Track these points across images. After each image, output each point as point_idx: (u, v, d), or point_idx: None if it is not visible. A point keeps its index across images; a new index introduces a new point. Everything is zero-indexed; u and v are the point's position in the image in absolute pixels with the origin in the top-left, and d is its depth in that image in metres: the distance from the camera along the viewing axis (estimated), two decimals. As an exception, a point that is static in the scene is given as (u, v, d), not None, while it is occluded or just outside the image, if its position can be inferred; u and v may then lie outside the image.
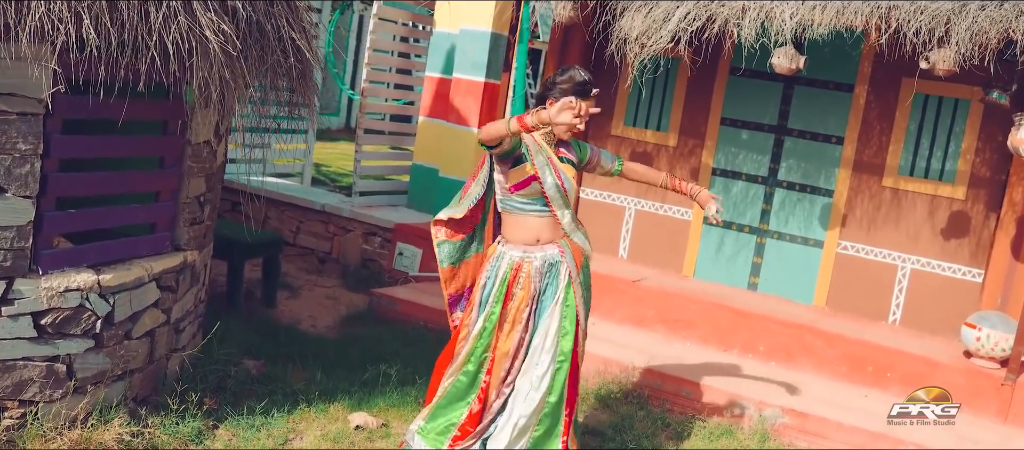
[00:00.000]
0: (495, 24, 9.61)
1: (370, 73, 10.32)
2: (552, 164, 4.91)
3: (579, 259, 5.04)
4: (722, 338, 8.08)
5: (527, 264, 4.93)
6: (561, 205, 4.94)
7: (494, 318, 4.97)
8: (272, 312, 8.17)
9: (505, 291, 4.94)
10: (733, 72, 8.89)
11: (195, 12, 4.56)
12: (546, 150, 4.92)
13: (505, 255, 4.98)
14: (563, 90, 4.84)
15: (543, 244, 4.96)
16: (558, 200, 4.92)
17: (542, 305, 4.95)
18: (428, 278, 9.21)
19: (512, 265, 4.94)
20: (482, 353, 5.02)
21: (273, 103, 5.73)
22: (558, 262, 4.95)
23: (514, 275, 4.93)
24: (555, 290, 4.94)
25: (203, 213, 5.98)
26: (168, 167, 5.55)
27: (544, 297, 4.95)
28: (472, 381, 5.04)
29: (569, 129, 4.44)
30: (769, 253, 8.92)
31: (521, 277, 4.93)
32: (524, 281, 4.92)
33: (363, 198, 10.39)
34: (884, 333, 8.05)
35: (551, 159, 4.91)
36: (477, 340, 5.01)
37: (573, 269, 4.97)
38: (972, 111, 8.05)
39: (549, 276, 4.95)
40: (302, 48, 5.57)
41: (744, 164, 9.01)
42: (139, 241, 5.48)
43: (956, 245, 8.21)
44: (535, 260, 4.93)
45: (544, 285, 4.95)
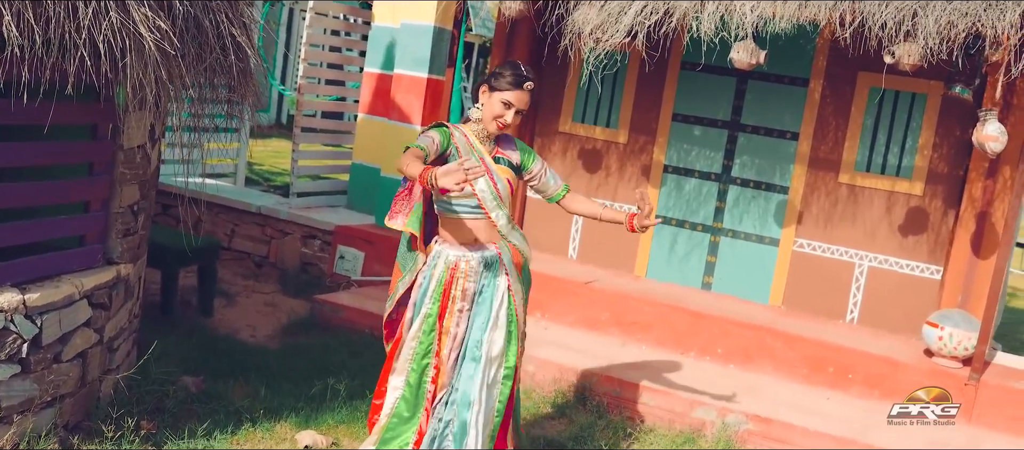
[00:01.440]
0: (438, 18, 9.27)
1: (306, 69, 9.93)
2: (483, 164, 4.68)
3: (518, 261, 4.85)
4: (679, 340, 7.85)
5: (463, 263, 4.73)
6: (494, 207, 4.72)
7: (431, 319, 4.77)
8: (209, 322, 7.78)
9: (442, 292, 4.74)
10: (685, 67, 8.66)
11: (128, 8, 4.16)
12: (479, 149, 4.71)
13: (441, 255, 4.77)
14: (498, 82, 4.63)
15: (481, 245, 4.77)
16: (491, 202, 4.71)
17: (479, 307, 4.77)
18: (371, 283, 8.88)
19: (449, 266, 4.74)
20: (422, 358, 4.80)
21: (212, 102, 5.34)
22: (495, 263, 4.77)
23: (451, 276, 4.73)
24: (493, 292, 4.77)
25: (137, 223, 5.57)
26: (98, 174, 5.14)
27: (481, 298, 4.76)
28: (416, 395, 4.82)
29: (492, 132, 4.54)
30: (723, 252, 8.71)
31: (459, 277, 4.73)
32: (461, 281, 4.73)
33: (301, 199, 10.00)
34: (843, 333, 7.88)
35: (483, 160, 4.69)
36: (415, 341, 4.81)
37: (512, 271, 4.79)
38: (929, 106, 7.91)
39: (486, 277, 4.76)
40: (243, 45, 5.19)
41: (697, 161, 8.78)
42: (68, 255, 5.06)
43: (914, 242, 8.06)
44: (471, 260, 4.74)
45: (480, 285, 4.76)
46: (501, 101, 4.61)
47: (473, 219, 4.72)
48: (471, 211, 4.70)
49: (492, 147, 4.80)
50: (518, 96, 4.61)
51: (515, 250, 4.82)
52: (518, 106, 4.62)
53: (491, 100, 4.64)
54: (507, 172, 4.79)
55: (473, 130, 4.74)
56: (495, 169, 4.73)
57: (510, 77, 4.60)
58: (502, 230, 4.76)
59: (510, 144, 4.89)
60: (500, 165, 4.78)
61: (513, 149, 4.89)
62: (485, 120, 4.68)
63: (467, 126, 4.77)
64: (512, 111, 4.61)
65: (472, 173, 3.98)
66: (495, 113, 4.63)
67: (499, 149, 4.83)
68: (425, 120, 9.25)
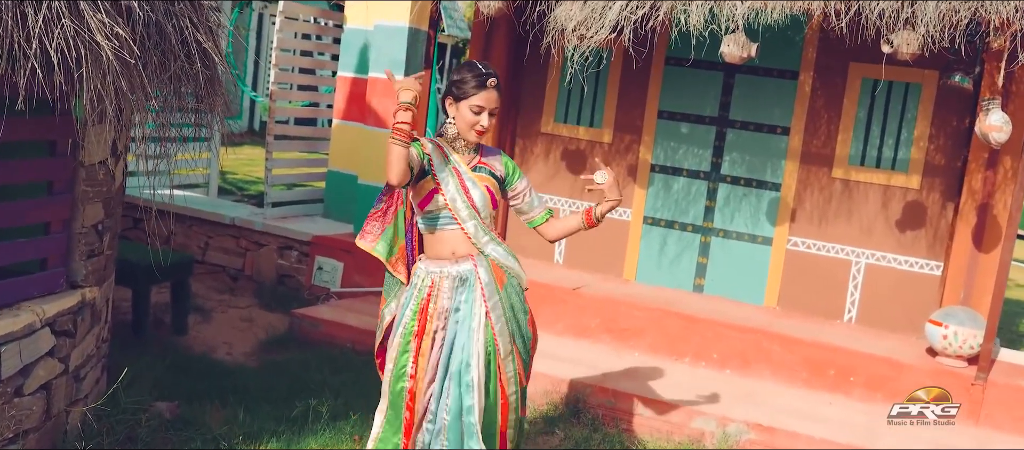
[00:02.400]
0: (413, 18, 8.96)
1: (278, 75, 9.60)
2: (457, 172, 4.41)
3: (499, 276, 4.51)
4: (672, 346, 7.57)
5: (439, 280, 4.44)
6: (467, 216, 4.43)
7: (406, 339, 4.47)
8: (183, 340, 7.45)
9: (419, 310, 4.45)
10: (670, 62, 8.40)
11: (83, 14, 3.83)
12: (454, 158, 4.43)
13: (421, 271, 4.50)
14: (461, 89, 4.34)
15: (458, 258, 4.47)
16: (463, 211, 4.41)
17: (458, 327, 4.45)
18: (352, 294, 8.56)
19: (428, 282, 4.45)
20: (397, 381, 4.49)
21: (179, 110, 5.01)
22: (469, 277, 4.46)
23: (429, 292, 4.44)
24: (470, 309, 4.45)
25: (102, 243, 5.23)
26: (58, 193, 4.80)
27: (457, 316, 4.45)
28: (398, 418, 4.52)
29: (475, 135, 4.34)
30: (715, 252, 8.44)
31: (434, 295, 4.44)
32: (437, 298, 4.44)
33: (276, 209, 9.67)
34: (842, 333, 7.63)
35: (457, 168, 4.42)
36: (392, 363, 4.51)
37: (490, 288, 4.46)
38: (925, 96, 7.66)
39: (461, 293, 4.45)
40: (209, 51, 4.86)
41: (685, 159, 8.51)
42: (28, 281, 4.73)
43: (912, 237, 7.82)
44: (446, 278, 4.44)
45: (456, 303, 4.45)
46: (470, 108, 4.33)
47: (450, 230, 4.44)
48: (447, 222, 4.43)
49: (474, 156, 4.51)
50: (486, 97, 4.31)
51: (494, 264, 4.50)
52: (489, 107, 4.32)
53: (460, 110, 4.36)
54: (487, 180, 4.49)
55: (450, 143, 4.46)
56: (470, 177, 4.44)
57: (472, 80, 4.31)
58: (475, 242, 4.46)
59: (496, 156, 4.60)
60: (479, 174, 4.48)
61: (498, 160, 4.60)
62: (462, 131, 4.39)
63: (444, 140, 4.49)
64: (485, 114, 4.33)
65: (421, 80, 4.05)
66: (469, 122, 4.35)
67: (482, 158, 4.54)
68: (403, 124, 8.91)
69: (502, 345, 4.48)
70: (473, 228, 4.44)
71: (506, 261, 4.54)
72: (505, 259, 4.53)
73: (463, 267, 4.44)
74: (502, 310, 4.49)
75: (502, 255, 4.53)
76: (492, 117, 4.36)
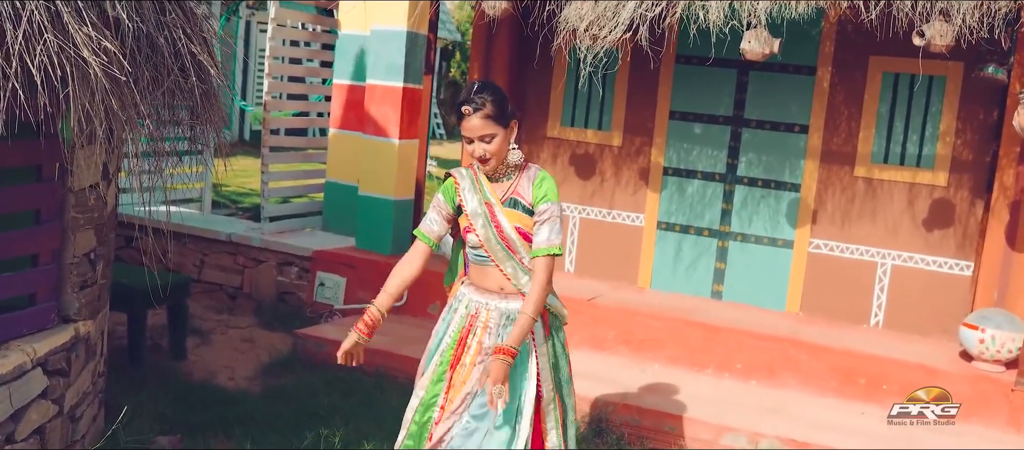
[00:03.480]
0: (411, 22, 8.59)
1: (272, 84, 9.26)
2: (488, 208, 4.13)
3: (546, 320, 4.21)
4: (694, 358, 7.25)
5: (484, 313, 4.16)
6: (503, 258, 4.13)
7: (442, 368, 4.19)
8: (183, 366, 7.11)
9: (458, 339, 4.17)
10: (680, 60, 8.08)
11: (67, 27, 3.49)
12: (487, 190, 4.14)
13: (465, 298, 4.22)
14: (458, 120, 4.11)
15: (507, 295, 4.16)
16: (498, 252, 4.13)
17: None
18: (356, 311, 8.22)
19: (469, 312, 4.17)
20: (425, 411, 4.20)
21: (173, 125, 4.66)
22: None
23: (470, 323, 4.15)
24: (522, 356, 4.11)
25: (95, 272, 4.89)
26: (46, 222, 4.47)
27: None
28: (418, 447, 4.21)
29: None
30: (733, 257, 8.12)
31: (477, 327, 4.14)
32: (479, 332, 4.14)
33: (273, 224, 9.32)
34: (871, 339, 7.31)
35: (489, 203, 4.13)
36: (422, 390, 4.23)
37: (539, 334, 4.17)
38: (949, 88, 7.34)
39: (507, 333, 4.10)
40: (204, 63, 4.52)
41: (699, 161, 8.19)
42: (16, 318, 4.39)
43: (940, 236, 7.50)
44: (493, 312, 4.14)
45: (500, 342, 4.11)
46: (465, 140, 4.09)
47: (492, 267, 4.16)
48: (485, 258, 4.16)
49: (511, 185, 4.18)
50: (467, 126, 4.03)
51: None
52: (475, 135, 4.02)
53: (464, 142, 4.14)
54: (518, 217, 4.14)
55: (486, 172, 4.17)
56: (501, 213, 4.13)
57: (454, 115, 4.08)
58: (515, 284, 4.14)
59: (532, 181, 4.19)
60: (510, 209, 4.15)
61: (530, 186, 4.19)
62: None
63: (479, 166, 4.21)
64: (476, 143, 4.03)
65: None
66: (468, 151, 4.11)
67: (517, 187, 4.18)
68: (403, 132, 8.59)
69: (545, 393, 4.16)
70: (511, 270, 4.14)
71: (550, 301, 4.21)
72: (549, 300, 4.20)
73: (513, 306, 4.12)
74: (548, 358, 4.20)
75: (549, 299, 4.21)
76: (488, 142, 4.03)
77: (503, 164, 4.13)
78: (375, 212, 8.69)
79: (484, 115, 4.00)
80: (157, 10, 4.13)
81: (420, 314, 7.94)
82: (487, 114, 4.00)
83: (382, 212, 8.64)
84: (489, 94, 4.01)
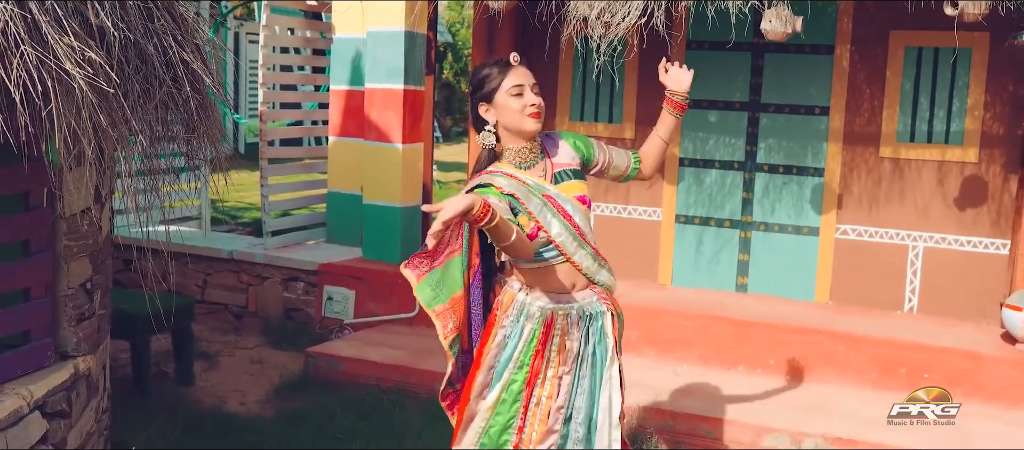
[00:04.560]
0: (410, 21, 8.27)
1: (266, 94, 8.93)
2: (549, 199, 3.62)
3: (616, 305, 3.84)
4: (723, 355, 6.94)
5: (560, 318, 3.68)
6: (575, 249, 3.68)
7: (516, 387, 3.66)
8: (191, 392, 6.80)
9: (534, 353, 3.65)
10: (691, 46, 7.76)
11: (46, 38, 3.16)
12: (534, 182, 3.62)
13: (530, 306, 3.68)
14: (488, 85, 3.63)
15: (579, 289, 3.74)
16: (570, 245, 3.66)
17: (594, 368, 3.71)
18: (367, 324, 7.91)
19: (543, 320, 3.66)
20: (501, 435, 3.68)
21: (167, 139, 4.33)
22: (600, 312, 3.75)
23: (545, 332, 3.66)
24: (604, 351, 3.72)
25: (93, 303, 4.56)
26: (36, 253, 4.15)
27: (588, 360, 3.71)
28: None
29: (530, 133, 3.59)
30: (756, 248, 7.80)
31: (555, 334, 3.67)
32: (558, 338, 3.67)
33: (276, 238, 8.99)
34: (907, 326, 7.00)
35: (546, 194, 3.62)
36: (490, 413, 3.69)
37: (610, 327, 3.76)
38: (976, 61, 7.03)
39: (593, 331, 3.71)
40: (198, 72, 4.18)
41: (716, 150, 7.88)
42: (10, 358, 4.07)
43: (973, 215, 7.19)
44: (571, 312, 3.69)
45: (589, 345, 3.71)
46: (509, 94, 3.59)
47: (559, 262, 3.70)
48: (555, 255, 3.68)
49: (545, 163, 3.73)
50: (517, 75, 3.60)
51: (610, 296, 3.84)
52: (527, 82, 3.60)
53: (499, 107, 3.62)
54: (577, 188, 3.73)
55: (511, 161, 3.68)
56: (562, 196, 3.68)
57: (495, 68, 3.63)
58: (587, 273, 3.73)
59: (560, 145, 3.81)
60: (566, 182, 3.72)
61: (569, 149, 3.81)
62: (515, 127, 3.61)
63: (502, 163, 3.70)
64: (527, 89, 3.58)
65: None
66: (517, 110, 3.58)
67: (554, 161, 3.75)
68: (406, 136, 8.27)
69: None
70: (589, 260, 3.73)
71: (609, 282, 3.85)
72: (609, 280, 3.84)
73: (589, 301, 3.74)
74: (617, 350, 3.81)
75: (607, 278, 3.84)
76: (538, 95, 3.62)
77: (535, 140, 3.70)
78: (381, 221, 8.37)
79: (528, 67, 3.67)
80: (145, 16, 3.79)
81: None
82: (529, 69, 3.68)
83: (389, 220, 8.32)
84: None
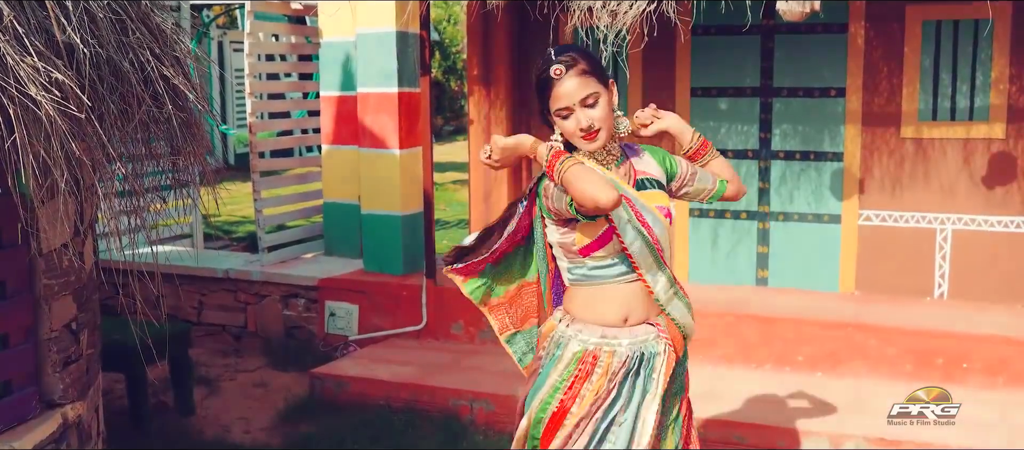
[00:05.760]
0: (401, 21, 7.93)
1: (255, 104, 8.59)
2: (631, 207, 3.10)
3: (679, 345, 3.29)
4: (749, 354, 6.64)
5: (605, 356, 3.17)
6: (652, 266, 3.17)
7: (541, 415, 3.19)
8: (192, 422, 6.46)
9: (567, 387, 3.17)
10: (697, 32, 7.41)
11: (5, 59, 2.81)
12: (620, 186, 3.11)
13: (571, 340, 3.21)
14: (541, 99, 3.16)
15: (632, 324, 3.21)
16: (647, 259, 3.15)
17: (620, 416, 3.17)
18: (373, 340, 7.57)
19: (582, 354, 3.19)
20: None
21: (150, 160, 3.99)
22: (655, 353, 3.19)
23: (583, 370, 3.18)
24: (647, 391, 3.17)
25: (79, 344, 4.21)
26: (14, 295, 3.79)
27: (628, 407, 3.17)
28: None
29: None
30: (776, 239, 7.50)
31: (596, 374, 3.16)
32: (598, 380, 3.16)
33: (272, 254, 8.65)
34: (939, 313, 6.72)
35: (627, 199, 3.09)
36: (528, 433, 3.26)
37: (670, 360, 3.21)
38: (998, 32, 6.72)
39: (641, 371, 3.18)
40: (181, 88, 3.83)
41: (728, 138, 7.56)
42: (-9, 410, 3.73)
43: (1003, 194, 6.90)
44: (619, 348, 3.17)
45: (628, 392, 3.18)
46: (558, 115, 3.10)
47: (624, 283, 3.20)
48: (622, 272, 3.19)
49: (627, 166, 3.24)
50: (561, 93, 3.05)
51: (675, 329, 3.26)
52: (572, 102, 3.04)
53: (556, 123, 3.14)
54: (659, 197, 3.22)
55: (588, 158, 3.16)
56: (641, 202, 3.16)
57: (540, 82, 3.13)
58: (660, 298, 3.21)
59: (643, 154, 3.32)
60: (649, 191, 3.22)
61: (652, 159, 3.32)
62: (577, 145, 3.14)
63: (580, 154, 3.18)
64: (579, 112, 3.04)
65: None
66: (569, 130, 3.10)
67: (636, 167, 3.26)
68: (404, 141, 7.93)
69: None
70: (663, 283, 3.19)
71: (685, 320, 3.30)
72: (685, 318, 3.30)
73: (643, 340, 3.21)
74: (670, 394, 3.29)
75: (682, 313, 3.29)
76: (594, 108, 3.05)
77: (613, 140, 3.18)
78: (381, 230, 8.03)
79: (581, 70, 3.05)
80: (118, 30, 3.43)
81: (443, 336, 7.34)
82: (584, 69, 3.06)
83: (389, 230, 7.98)
84: (575, 50, 3.11)
